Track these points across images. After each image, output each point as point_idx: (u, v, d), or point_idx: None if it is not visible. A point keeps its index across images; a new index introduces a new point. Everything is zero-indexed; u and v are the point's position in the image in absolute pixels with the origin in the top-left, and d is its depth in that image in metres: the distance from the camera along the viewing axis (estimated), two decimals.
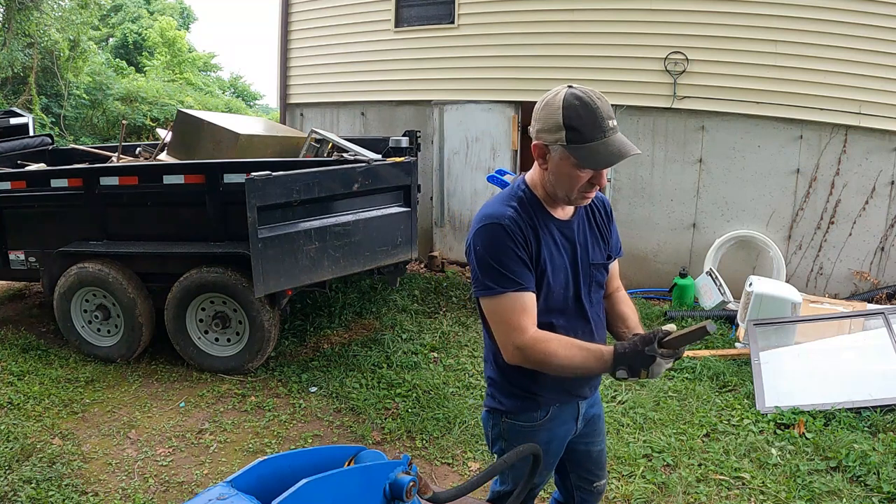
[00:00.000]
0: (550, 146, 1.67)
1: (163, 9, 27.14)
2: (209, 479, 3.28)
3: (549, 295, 1.75)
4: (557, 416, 1.90)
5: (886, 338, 4.23)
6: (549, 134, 1.66)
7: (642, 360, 1.59)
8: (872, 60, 5.74)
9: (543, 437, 1.89)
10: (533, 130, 1.71)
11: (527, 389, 1.84)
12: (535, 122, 1.71)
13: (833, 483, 3.16)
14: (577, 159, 1.63)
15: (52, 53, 14.65)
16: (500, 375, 1.88)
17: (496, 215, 1.70)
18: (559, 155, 1.66)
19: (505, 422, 1.90)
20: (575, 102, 1.62)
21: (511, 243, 1.66)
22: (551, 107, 1.66)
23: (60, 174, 4.83)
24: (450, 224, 7.63)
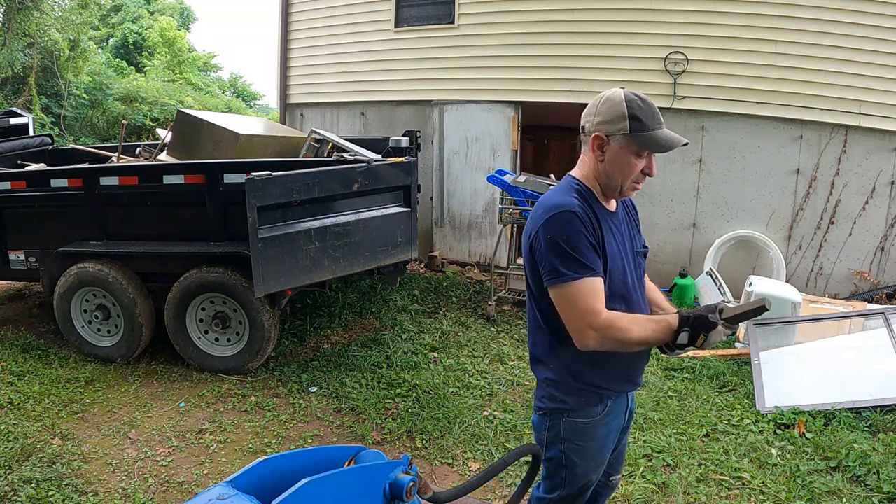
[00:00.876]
0: (611, 136, 1.79)
1: (163, 9, 27.14)
2: (209, 479, 3.28)
3: (612, 282, 1.82)
4: (613, 409, 1.95)
5: (886, 338, 4.23)
6: (611, 125, 1.78)
7: (704, 325, 1.70)
8: (872, 60, 5.75)
9: (602, 432, 1.94)
10: (591, 124, 1.82)
11: (591, 383, 1.88)
12: (594, 117, 1.82)
13: (833, 483, 3.16)
14: (640, 145, 1.77)
15: (52, 53, 14.65)
16: (562, 373, 1.90)
17: (565, 204, 1.76)
18: (620, 143, 1.78)
19: (566, 421, 1.92)
20: (634, 97, 1.79)
21: (583, 230, 1.74)
22: (612, 101, 1.79)
23: (60, 174, 4.83)
24: (450, 224, 7.63)
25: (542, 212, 1.79)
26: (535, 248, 1.79)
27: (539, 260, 1.79)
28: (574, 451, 1.93)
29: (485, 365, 4.78)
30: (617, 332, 1.72)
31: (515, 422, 3.87)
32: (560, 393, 1.91)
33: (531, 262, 1.84)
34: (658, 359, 4.80)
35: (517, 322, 5.78)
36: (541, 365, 1.96)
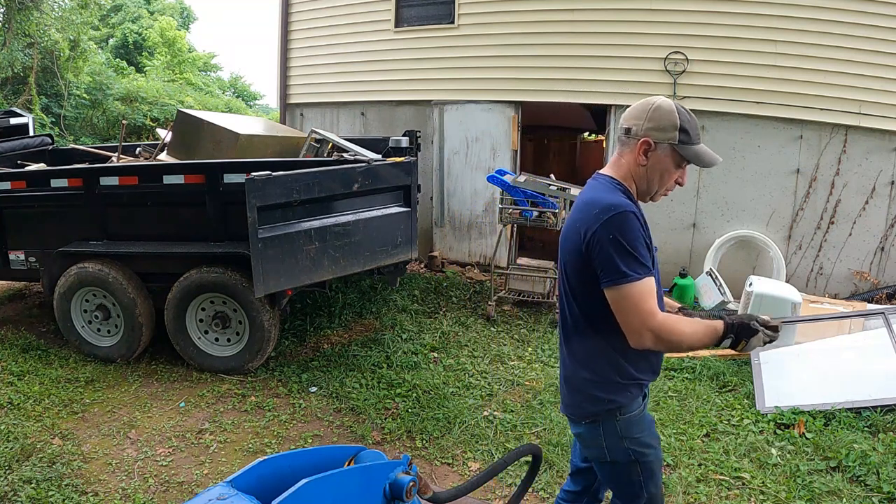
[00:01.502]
0: (658, 144, 1.83)
1: (163, 9, 27.14)
2: (209, 479, 3.28)
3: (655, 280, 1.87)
4: (645, 396, 2.01)
5: (886, 338, 4.22)
6: (662, 133, 1.83)
7: (747, 332, 1.80)
8: (872, 60, 5.75)
9: (647, 419, 2.00)
10: (640, 129, 1.84)
11: (634, 377, 1.90)
12: (643, 122, 1.84)
13: (833, 483, 3.16)
14: (685, 157, 1.85)
15: (52, 53, 14.64)
16: (607, 372, 1.89)
17: (622, 204, 1.77)
18: (665, 152, 1.84)
19: (620, 419, 1.91)
20: (683, 109, 1.85)
21: (640, 229, 1.77)
22: (664, 109, 1.83)
23: (60, 174, 4.83)
24: (450, 224, 7.63)
25: (598, 211, 1.76)
26: (593, 248, 1.75)
27: (598, 260, 1.75)
28: (638, 443, 1.94)
29: (485, 365, 4.78)
30: (672, 334, 1.75)
31: (515, 422, 3.87)
32: (606, 393, 1.90)
33: (579, 263, 1.81)
34: None
35: (517, 322, 5.78)
36: (582, 367, 1.92)
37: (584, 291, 1.85)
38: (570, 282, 1.89)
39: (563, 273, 1.92)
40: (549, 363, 4.83)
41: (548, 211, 5.65)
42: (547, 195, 5.67)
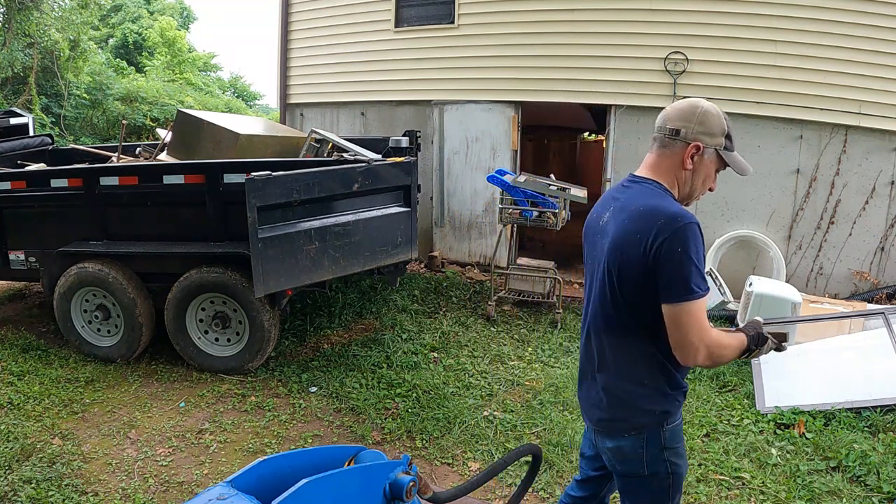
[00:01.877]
0: (706, 149, 1.81)
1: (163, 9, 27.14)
2: (209, 479, 3.28)
3: None
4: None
5: (886, 338, 4.23)
6: (711, 138, 1.81)
7: (762, 342, 1.86)
8: (872, 60, 5.75)
9: (681, 427, 1.96)
10: (691, 132, 1.80)
11: (681, 386, 1.88)
12: (694, 125, 1.80)
13: (833, 483, 3.16)
14: (728, 164, 1.85)
15: (52, 53, 14.64)
16: (664, 383, 1.83)
17: (686, 214, 1.71)
18: (711, 157, 1.83)
19: (666, 429, 1.86)
20: (726, 116, 1.85)
21: (702, 242, 1.73)
22: (712, 114, 1.81)
23: (60, 174, 4.83)
24: (450, 224, 7.63)
25: (665, 222, 1.67)
26: (661, 261, 1.67)
27: (664, 274, 1.67)
28: (675, 454, 1.89)
29: (485, 365, 4.78)
30: (721, 349, 1.74)
31: (515, 422, 3.87)
32: (657, 404, 1.83)
33: (639, 275, 1.71)
34: None
35: (517, 322, 5.78)
36: (629, 379, 1.84)
37: (644, 303, 1.74)
38: (623, 293, 1.77)
39: (611, 282, 1.79)
40: (549, 363, 4.83)
41: (548, 211, 5.64)
42: (547, 195, 5.67)
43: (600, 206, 1.93)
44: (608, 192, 1.96)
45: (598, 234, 1.87)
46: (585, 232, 1.98)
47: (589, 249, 1.95)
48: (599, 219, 1.89)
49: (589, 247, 1.95)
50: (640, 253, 1.69)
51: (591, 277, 1.93)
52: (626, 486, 1.97)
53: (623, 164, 6.68)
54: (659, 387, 1.83)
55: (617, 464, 1.94)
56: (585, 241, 1.98)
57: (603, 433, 1.93)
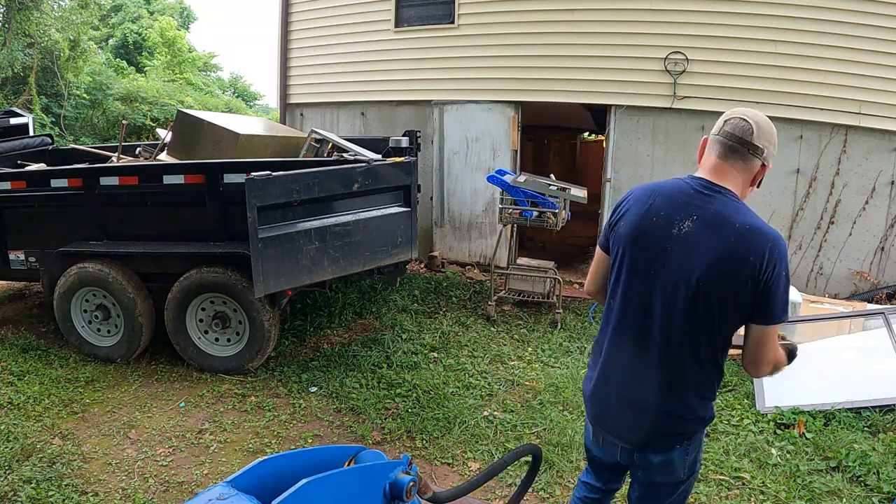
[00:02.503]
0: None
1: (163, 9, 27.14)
2: (209, 479, 3.28)
3: None
4: None
5: (886, 338, 4.23)
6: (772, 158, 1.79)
7: (792, 357, 1.91)
8: (872, 60, 5.75)
9: None
10: (770, 154, 1.77)
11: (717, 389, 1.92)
12: (773, 148, 1.77)
13: (833, 483, 3.16)
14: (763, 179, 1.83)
15: (52, 53, 14.64)
16: (713, 391, 1.85)
17: (779, 234, 1.71)
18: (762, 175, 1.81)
19: (705, 431, 1.99)
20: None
21: None
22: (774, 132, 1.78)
23: (60, 174, 4.83)
24: (450, 224, 7.64)
25: (774, 243, 1.63)
26: (774, 283, 1.63)
27: (770, 295, 1.64)
28: (700, 452, 1.97)
29: (485, 365, 4.78)
30: (779, 365, 1.84)
31: (515, 422, 3.87)
32: (707, 412, 1.84)
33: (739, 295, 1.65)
34: None
35: (517, 322, 5.78)
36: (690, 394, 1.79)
37: (733, 319, 1.70)
38: (718, 309, 1.68)
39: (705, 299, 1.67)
40: (549, 363, 4.83)
41: (548, 211, 5.64)
42: (547, 195, 5.67)
43: (668, 210, 1.73)
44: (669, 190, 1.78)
45: (672, 241, 1.71)
46: (639, 233, 1.76)
47: (647, 254, 1.75)
48: (672, 225, 1.71)
49: (647, 251, 1.75)
50: (753, 274, 1.62)
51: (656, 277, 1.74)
52: (658, 493, 1.95)
53: (623, 164, 6.68)
54: (711, 395, 1.84)
55: (661, 475, 1.88)
56: (636, 244, 1.77)
57: (649, 450, 1.85)
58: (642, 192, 1.83)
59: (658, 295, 1.74)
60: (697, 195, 1.73)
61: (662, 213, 1.74)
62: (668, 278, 1.72)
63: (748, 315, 1.69)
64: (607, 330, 1.89)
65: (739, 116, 1.76)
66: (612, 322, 1.86)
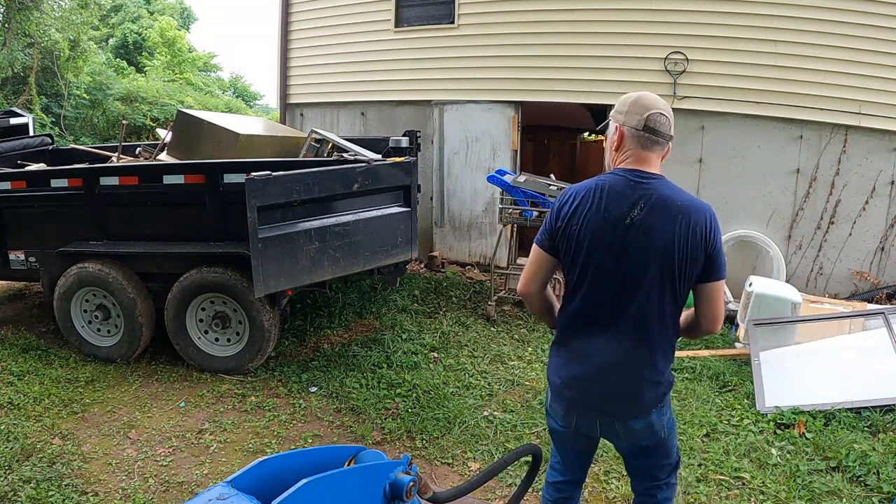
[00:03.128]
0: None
1: (163, 9, 27.14)
2: (209, 479, 3.28)
3: None
4: None
5: (886, 338, 4.23)
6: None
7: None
8: (872, 60, 5.75)
9: None
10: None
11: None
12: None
13: (833, 483, 3.16)
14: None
15: (52, 53, 14.65)
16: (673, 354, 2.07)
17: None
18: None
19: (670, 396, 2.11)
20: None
21: None
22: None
23: (60, 174, 4.83)
24: (450, 224, 7.63)
25: (705, 213, 1.90)
26: (714, 248, 1.90)
27: (716, 257, 1.91)
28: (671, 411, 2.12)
29: (485, 365, 4.78)
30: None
31: (515, 422, 3.87)
32: (670, 375, 2.05)
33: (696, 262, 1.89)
34: None
35: (517, 322, 5.78)
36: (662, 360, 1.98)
37: (689, 287, 1.95)
38: (684, 281, 1.91)
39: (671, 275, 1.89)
40: None
41: (547, 211, 5.64)
42: (547, 195, 5.67)
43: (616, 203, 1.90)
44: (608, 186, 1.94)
45: (628, 230, 1.88)
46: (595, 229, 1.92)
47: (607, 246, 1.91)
48: (623, 216, 1.89)
49: (606, 244, 1.91)
50: (702, 243, 1.88)
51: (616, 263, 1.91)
52: (647, 457, 2.13)
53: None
54: (672, 356, 2.05)
55: (643, 440, 2.04)
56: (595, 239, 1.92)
57: (631, 418, 2.00)
58: (584, 192, 1.97)
59: (626, 279, 1.91)
60: (637, 185, 1.92)
61: (611, 208, 1.91)
62: (633, 262, 1.90)
63: (700, 276, 1.92)
64: (576, 319, 2.02)
65: (659, 112, 1.95)
66: (582, 312, 2.00)
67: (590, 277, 1.95)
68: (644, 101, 1.98)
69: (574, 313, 2.01)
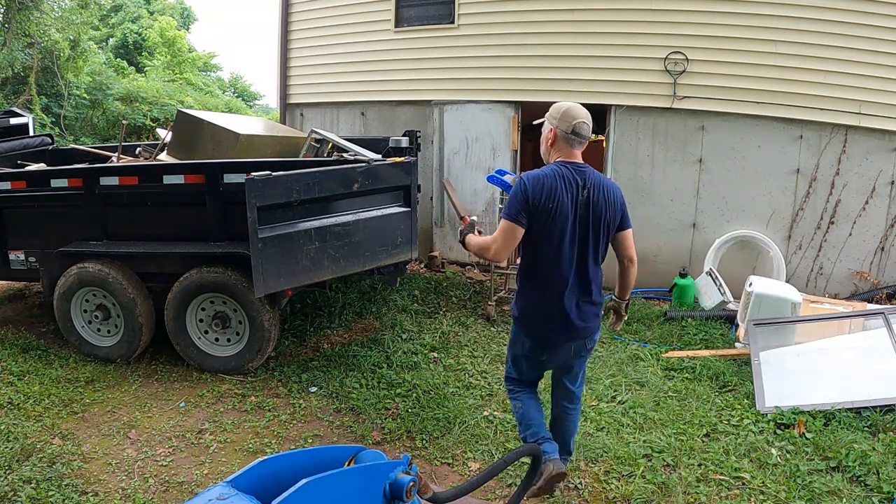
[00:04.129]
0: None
1: (163, 9, 27.15)
2: (209, 479, 3.28)
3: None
4: None
5: (886, 338, 4.23)
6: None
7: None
8: (872, 60, 5.75)
9: None
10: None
11: None
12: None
13: (833, 483, 3.16)
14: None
15: (52, 53, 14.65)
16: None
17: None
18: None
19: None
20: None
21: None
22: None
23: (60, 174, 4.83)
24: (450, 224, 7.63)
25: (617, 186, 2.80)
26: (624, 205, 2.79)
27: (626, 212, 2.80)
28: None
29: (485, 365, 4.78)
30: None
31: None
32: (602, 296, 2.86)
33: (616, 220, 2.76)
34: (658, 359, 4.81)
35: None
36: (600, 288, 2.83)
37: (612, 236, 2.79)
38: (610, 231, 2.76)
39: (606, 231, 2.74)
40: None
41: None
42: None
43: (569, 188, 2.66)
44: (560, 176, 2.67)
45: (585, 204, 2.68)
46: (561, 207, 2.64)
47: (570, 217, 2.67)
48: (576, 195, 2.67)
49: (569, 216, 2.66)
50: (620, 206, 2.77)
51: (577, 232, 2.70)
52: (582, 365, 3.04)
53: (623, 164, 6.68)
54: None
55: (592, 346, 2.95)
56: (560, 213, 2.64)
57: (591, 334, 2.87)
58: (549, 179, 2.66)
59: (584, 237, 2.72)
60: (578, 173, 2.71)
61: (566, 191, 2.66)
62: (588, 225, 2.71)
63: (620, 226, 2.78)
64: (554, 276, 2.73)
65: (583, 121, 2.71)
66: (553, 265, 2.72)
67: (558, 238, 2.67)
68: (573, 112, 2.72)
69: (545, 269, 2.73)
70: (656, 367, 4.66)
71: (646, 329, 5.52)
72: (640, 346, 5.12)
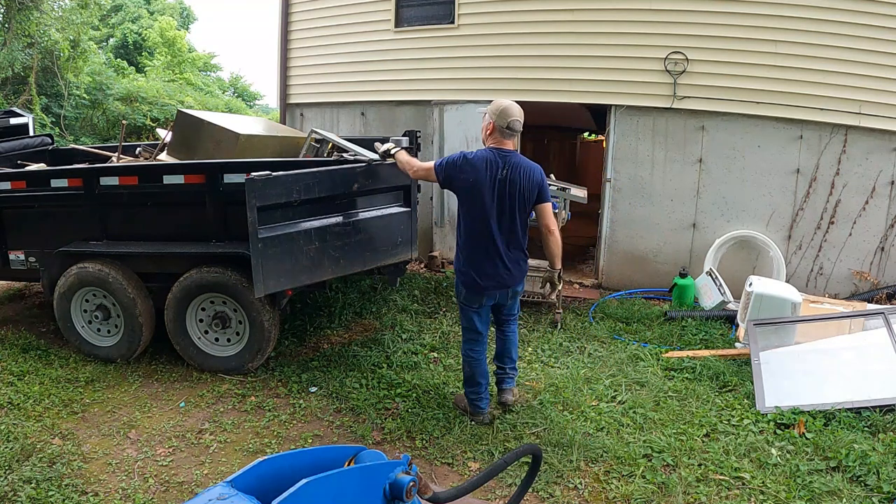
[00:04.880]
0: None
1: (163, 9, 27.16)
2: (209, 479, 3.28)
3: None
4: None
5: (886, 338, 4.23)
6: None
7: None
8: (872, 60, 5.75)
9: None
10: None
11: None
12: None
13: (833, 483, 3.16)
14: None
15: (52, 53, 14.65)
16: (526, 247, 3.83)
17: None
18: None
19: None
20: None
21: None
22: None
23: (60, 174, 4.83)
24: (450, 224, 7.63)
25: (536, 166, 3.62)
26: (542, 183, 3.58)
27: (544, 188, 3.60)
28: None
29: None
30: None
31: (515, 422, 3.87)
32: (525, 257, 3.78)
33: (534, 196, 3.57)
34: (658, 359, 4.81)
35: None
36: (524, 251, 3.73)
37: (531, 209, 3.61)
38: (529, 205, 3.58)
39: (523, 203, 3.54)
40: (549, 363, 4.83)
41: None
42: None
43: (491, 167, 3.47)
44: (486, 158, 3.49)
45: (503, 180, 3.48)
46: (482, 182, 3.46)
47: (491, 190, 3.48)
48: (496, 174, 3.47)
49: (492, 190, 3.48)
50: (538, 182, 3.57)
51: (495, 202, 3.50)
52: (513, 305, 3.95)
53: (623, 164, 6.68)
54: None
55: (521, 291, 3.86)
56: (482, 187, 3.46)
57: (517, 283, 3.74)
58: (478, 159, 3.49)
59: (506, 207, 3.51)
60: (501, 157, 3.50)
61: (487, 170, 3.47)
62: (505, 196, 3.49)
63: (538, 200, 3.57)
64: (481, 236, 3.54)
65: (517, 118, 3.49)
66: (483, 230, 3.53)
67: (481, 208, 3.48)
68: (509, 111, 3.48)
69: (475, 235, 3.55)
70: (656, 367, 4.66)
71: (646, 329, 5.52)
72: (640, 346, 5.12)
